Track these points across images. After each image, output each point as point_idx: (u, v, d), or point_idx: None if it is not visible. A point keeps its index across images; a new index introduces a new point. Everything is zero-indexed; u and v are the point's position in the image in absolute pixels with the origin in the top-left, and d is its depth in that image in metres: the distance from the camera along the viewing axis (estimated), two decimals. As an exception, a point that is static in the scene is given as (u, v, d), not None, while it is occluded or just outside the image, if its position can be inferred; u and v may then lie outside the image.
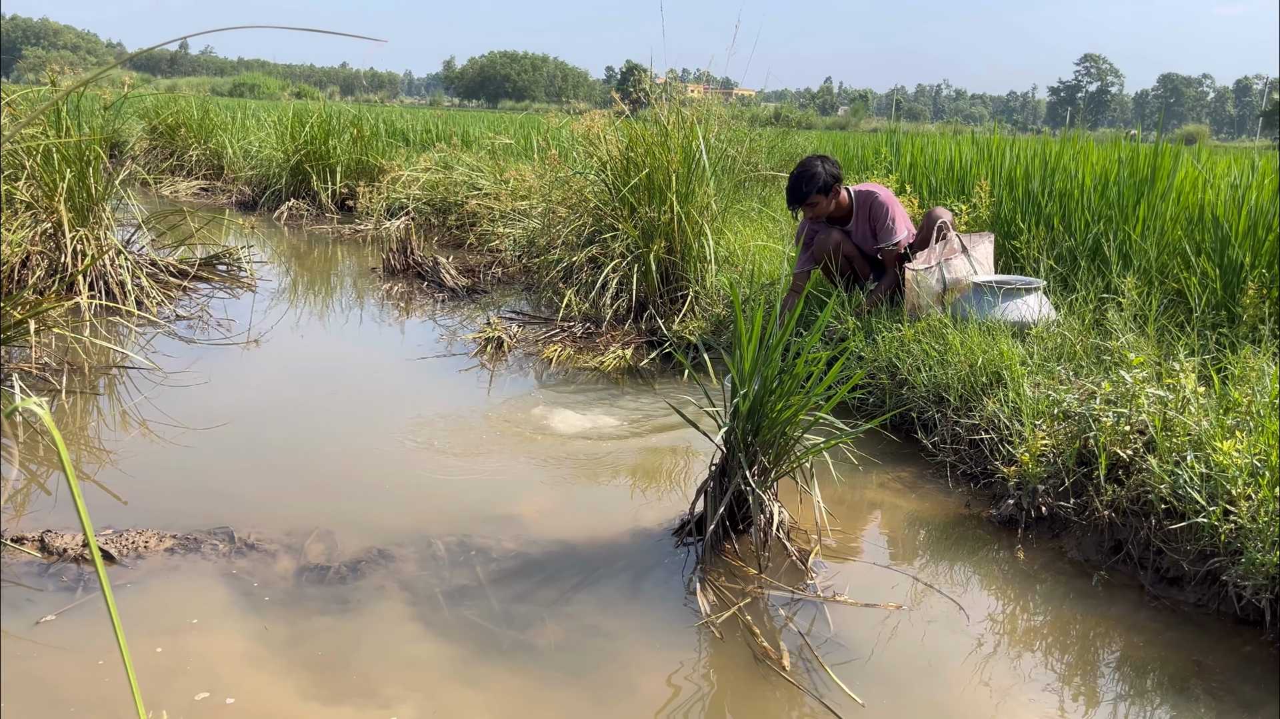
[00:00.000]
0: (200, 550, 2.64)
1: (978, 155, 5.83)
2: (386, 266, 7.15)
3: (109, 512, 2.89)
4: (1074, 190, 4.77)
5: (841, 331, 4.25)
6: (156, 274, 6.00)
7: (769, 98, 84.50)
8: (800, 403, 2.65)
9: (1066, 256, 4.51)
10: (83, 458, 3.36)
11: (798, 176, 4.39)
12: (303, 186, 10.51)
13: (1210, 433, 2.69)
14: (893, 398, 3.87)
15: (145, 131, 13.76)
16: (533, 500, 3.13)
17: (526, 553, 2.75)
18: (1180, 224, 4.30)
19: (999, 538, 2.99)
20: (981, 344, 3.67)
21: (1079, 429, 3.02)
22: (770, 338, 2.69)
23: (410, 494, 3.15)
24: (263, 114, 14.44)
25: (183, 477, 3.24)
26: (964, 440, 3.46)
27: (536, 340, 5.25)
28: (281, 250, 8.45)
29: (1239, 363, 3.15)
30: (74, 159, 5.45)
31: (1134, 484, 2.79)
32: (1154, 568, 2.70)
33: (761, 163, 8.00)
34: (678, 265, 5.55)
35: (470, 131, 12.79)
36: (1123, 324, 3.66)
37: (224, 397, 4.08)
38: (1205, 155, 5.41)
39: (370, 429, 3.73)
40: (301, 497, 3.09)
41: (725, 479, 2.77)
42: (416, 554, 2.71)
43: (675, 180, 5.38)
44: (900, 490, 3.35)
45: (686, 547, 2.83)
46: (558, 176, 6.57)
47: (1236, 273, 3.82)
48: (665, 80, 6.86)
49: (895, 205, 4.50)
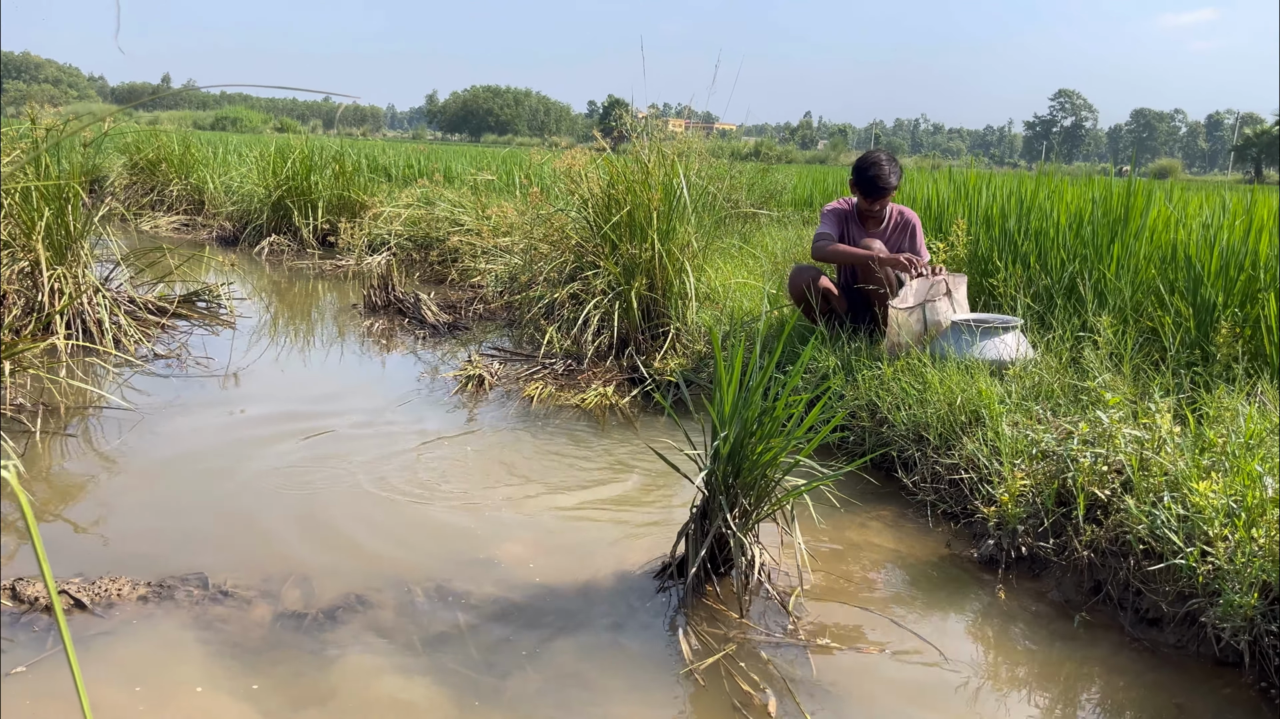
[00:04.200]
0: (174, 598, 2.60)
1: (955, 194, 5.89)
2: (367, 303, 7.13)
3: (81, 558, 2.85)
4: (1049, 229, 4.83)
5: (822, 369, 4.27)
6: (135, 311, 5.96)
7: (749, 132, 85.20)
8: (781, 445, 2.66)
9: (1043, 295, 4.56)
10: (56, 501, 3.32)
11: (888, 167, 4.54)
12: (284, 222, 10.48)
13: (1186, 473, 2.71)
14: (872, 436, 3.89)
15: (126, 167, 13.71)
16: (513, 543, 3.11)
17: (507, 598, 2.73)
18: (1154, 263, 4.35)
19: (980, 578, 2.99)
20: (960, 383, 3.70)
21: (1057, 469, 3.04)
22: (750, 380, 2.69)
23: (389, 537, 3.12)
24: (245, 149, 14.45)
25: (158, 520, 3.20)
26: (944, 479, 3.47)
27: (518, 378, 5.24)
28: (262, 286, 8.42)
29: (1213, 402, 3.18)
30: (53, 197, 5.43)
31: (1112, 524, 2.80)
32: (1134, 609, 2.71)
33: (742, 200, 8.06)
34: (659, 302, 5.57)
35: (453, 167, 12.83)
36: (1099, 363, 3.70)
37: (201, 437, 4.05)
38: (1177, 193, 5.48)
39: (349, 470, 3.70)
40: (278, 540, 3.06)
41: (706, 521, 2.76)
42: (395, 600, 2.68)
43: (656, 218, 5.41)
44: (881, 530, 3.35)
45: (668, 589, 2.82)
46: (539, 213, 6.59)
47: (1210, 312, 3.87)
48: (647, 115, 6.92)
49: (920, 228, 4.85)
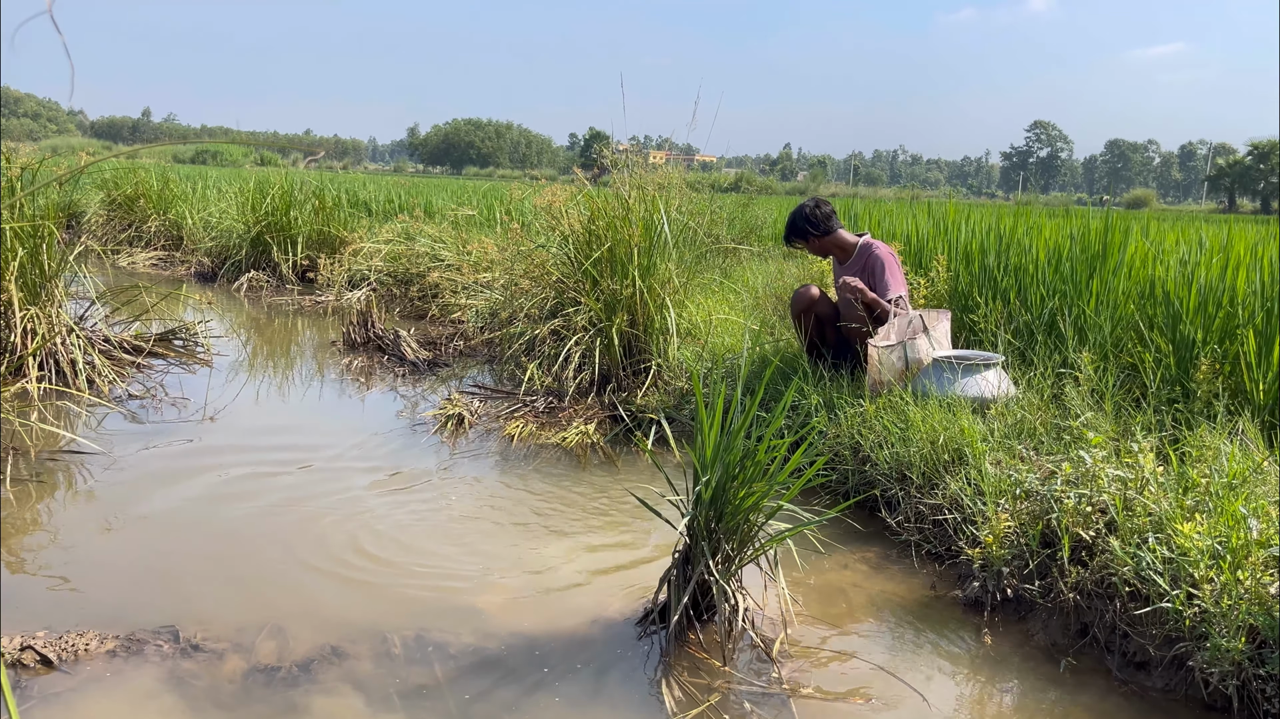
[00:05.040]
0: (144, 653, 2.53)
1: (934, 229, 5.92)
2: (347, 340, 7.07)
3: (50, 609, 2.78)
4: (1029, 265, 4.85)
5: (805, 408, 4.25)
6: (110, 351, 5.89)
7: (730, 163, 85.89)
8: (764, 490, 2.63)
9: (1024, 331, 4.57)
10: (24, 549, 3.24)
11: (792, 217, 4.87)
12: (263, 257, 10.42)
13: (1170, 514, 2.70)
14: (855, 475, 3.86)
15: (104, 203, 13.62)
16: (491, 590, 3.05)
17: (485, 648, 2.67)
18: (1132, 298, 4.37)
19: (965, 621, 2.96)
20: (942, 421, 3.68)
21: (1041, 509, 3.02)
22: (732, 423, 2.67)
23: (366, 584, 3.06)
24: (224, 184, 14.38)
25: (129, 568, 3.13)
26: (928, 519, 3.45)
27: (498, 416, 5.19)
28: (240, 323, 8.35)
29: (1195, 440, 3.18)
30: (27, 236, 5.36)
31: (1097, 566, 2.78)
32: (1121, 652, 2.68)
33: (723, 234, 8.08)
34: (640, 338, 5.54)
35: (434, 202, 12.82)
36: (1080, 400, 3.70)
37: (174, 480, 3.98)
38: (1154, 227, 5.54)
39: (325, 515, 3.64)
40: (252, 588, 2.99)
41: (689, 567, 2.72)
42: (371, 651, 2.62)
43: (637, 254, 5.40)
44: (866, 572, 3.32)
45: (650, 637, 2.77)
46: (520, 250, 6.58)
47: (1189, 349, 3.88)
48: (627, 148, 6.93)
49: (892, 263, 4.61)
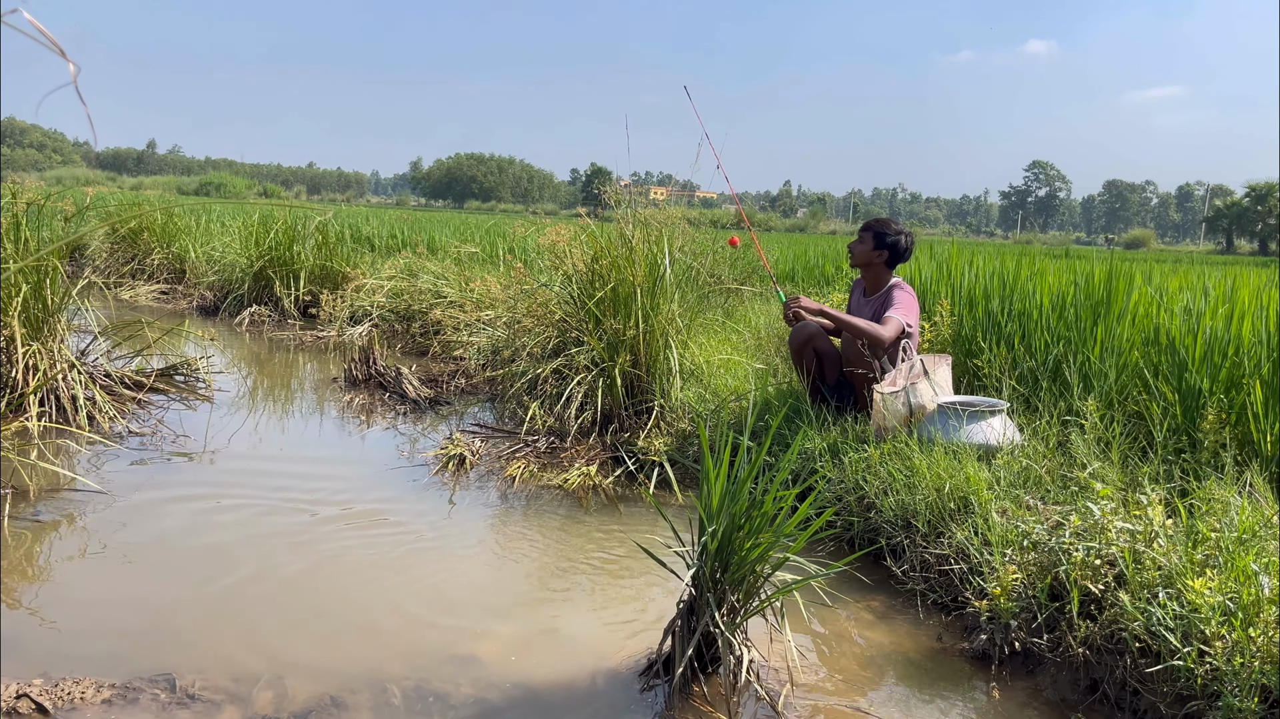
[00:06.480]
0: (139, 702, 2.49)
1: (937, 272, 5.93)
2: (348, 376, 7.06)
3: (47, 654, 2.74)
4: (1032, 311, 4.84)
5: (810, 451, 4.23)
6: (111, 387, 5.87)
7: (730, 200, 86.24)
8: (769, 541, 2.60)
9: (1028, 377, 4.55)
10: (22, 592, 3.20)
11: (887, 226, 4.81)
12: (265, 292, 10.44)
13: (1180, 569, 2.67)
14: (860, 521, 3.83)
15: (107, 237, 13.67)
16: (492, 639, 3.01)
17: (486, 698, 2.63)
18: (1137, 345, 4.36)
19: (973, 674, 2.92)
20: (948, 468, 3.66)
21: (1049, 560, 2.99)
22: (738, 472, 2.65)
23: (365, 632, 3.02)
24: (228, 218, 14.45)
25: (127, 612, 3.09)
26: (933, 569, 3.42)
27: (499, 456, 5.17)
28: (242, 357, 8.34)
29: (1204, 493, 3.15)
30: (31, 271, 5.37)
31: (1107, 620, 2.75)
32: (1132, 709, 2.64)
33: (725, 275, 8.09)
34: (643, 379, 5.53)
35: (436, 237, 12.87)
36: (1086, 449, 3.67)
37: (173, 521, 3.94)
38: (1157, 272, 5.55)
39: (324, 559, 3.60)
40: (251, 636, 2.95)
41: (694, 618, 2.69)
42: (371, 701, 2.58)
43: (640, 294, 5.40)
44: (871, 622, 3.28)
45: (653, 689, 2.73)
46: (523, 288, 6.58)
47: (1195, 398, 3.86)
48: (629, 184, 6.96)
49: (909, 300, 4.64)
